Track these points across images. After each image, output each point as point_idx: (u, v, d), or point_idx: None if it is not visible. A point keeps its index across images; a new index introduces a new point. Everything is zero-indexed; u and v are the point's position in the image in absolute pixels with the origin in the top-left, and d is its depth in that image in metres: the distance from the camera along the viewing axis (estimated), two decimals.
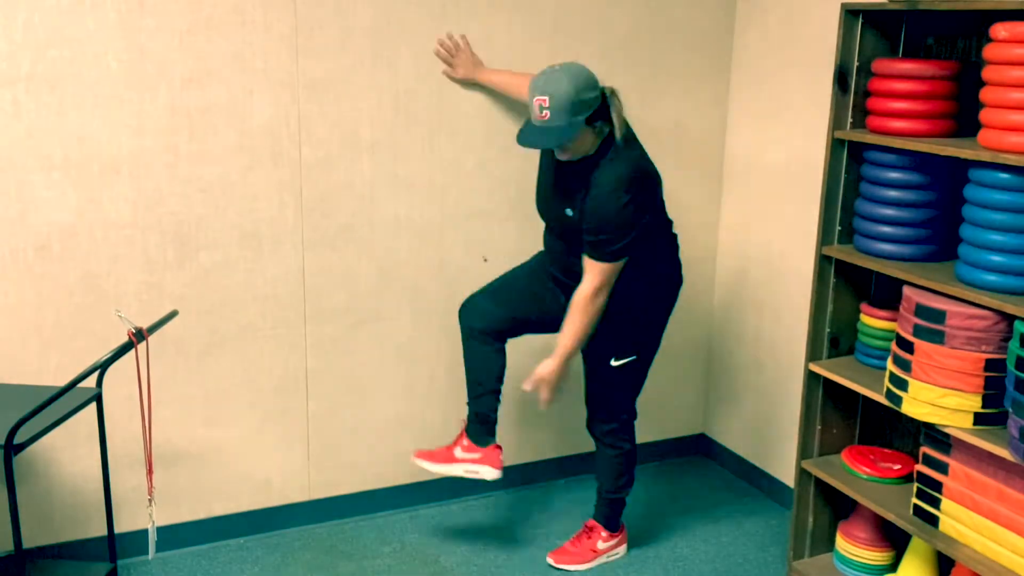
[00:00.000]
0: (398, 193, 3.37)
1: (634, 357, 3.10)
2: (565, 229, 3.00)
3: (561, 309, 2.99)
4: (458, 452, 3.20)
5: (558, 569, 3.28)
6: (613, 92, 2.89)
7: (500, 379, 3.18)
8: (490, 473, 3.17)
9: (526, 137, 2.87)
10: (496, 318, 3.14)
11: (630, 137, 2.93)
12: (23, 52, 2.82)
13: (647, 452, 4.05)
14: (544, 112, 2.78)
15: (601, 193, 2.83)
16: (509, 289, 3.20)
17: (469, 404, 3.21)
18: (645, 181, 2.91)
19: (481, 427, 3.18)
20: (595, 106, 2.81)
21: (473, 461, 3.18)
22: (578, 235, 2.92)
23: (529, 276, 3.22)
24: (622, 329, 3.05)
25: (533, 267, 3.24)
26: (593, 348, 3.09)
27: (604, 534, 3.32)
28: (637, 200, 2.86)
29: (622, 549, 3.39)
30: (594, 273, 2.89)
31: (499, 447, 3.20)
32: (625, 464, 3.28)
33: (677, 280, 3.17)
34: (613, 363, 3.09)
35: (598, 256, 2.87)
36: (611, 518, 3.34)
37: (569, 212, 2.94)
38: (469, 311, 3.18)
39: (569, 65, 2.83)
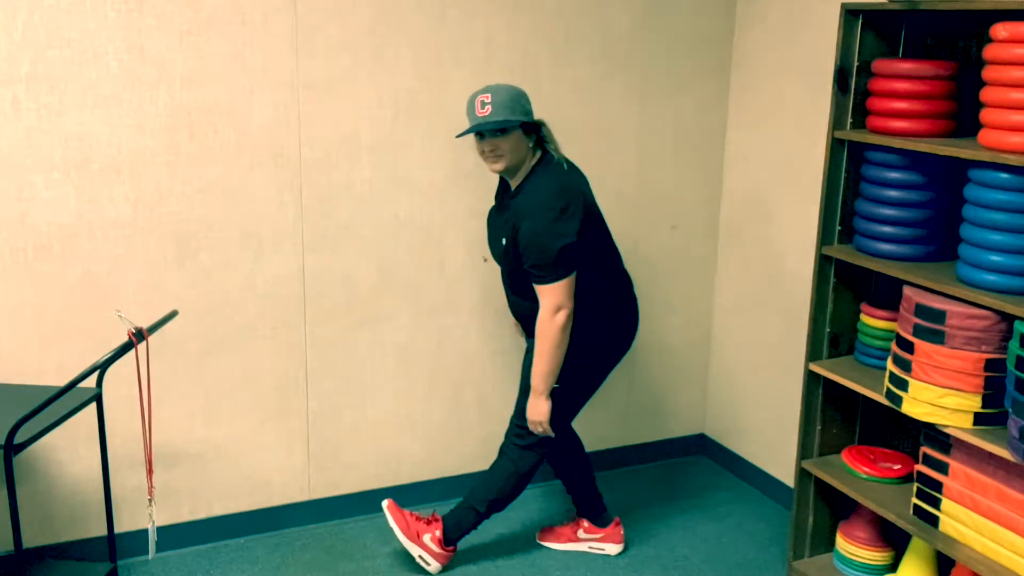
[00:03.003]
0: (398, 193, 3.37)
1: (557, 386, 2.98)
2: (504, 262, 3.02)
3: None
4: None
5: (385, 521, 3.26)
6: (543, 123, 2.99)
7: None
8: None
9: (464, 131, 2.91)
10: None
11: (560, 160, 2.97)
12: (23, 52, 2.82)
13: (647, 452, 4.06)
14: (486, 108, 2.85)
15: (531, 214, 2.86)
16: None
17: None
18: (571, 191, 2.90)
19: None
20: (531, 119, 2.92)
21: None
22: (515, 267, 2.95)
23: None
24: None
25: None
26: (529, 355, 3.06)
27: (437, 534, 3.17)
28: (568, 211, 2.86)
29: (435, 566, 3.20)
30: (544, 296, 2.88)
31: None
32: (503, 480, 3.13)
33: (623, 331, 3.08)
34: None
35: (543, 277, 2.87)
36: (452, 527, 3.19)
37: (504, 241, 2.96)
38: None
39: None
